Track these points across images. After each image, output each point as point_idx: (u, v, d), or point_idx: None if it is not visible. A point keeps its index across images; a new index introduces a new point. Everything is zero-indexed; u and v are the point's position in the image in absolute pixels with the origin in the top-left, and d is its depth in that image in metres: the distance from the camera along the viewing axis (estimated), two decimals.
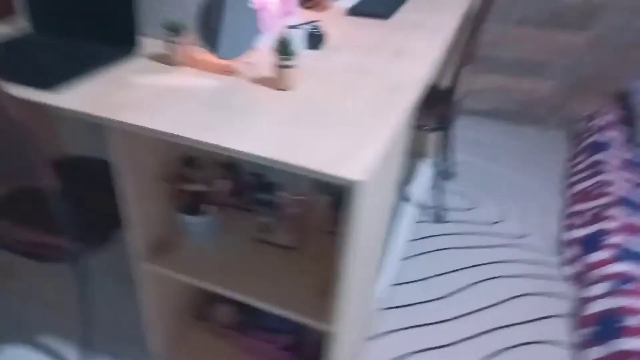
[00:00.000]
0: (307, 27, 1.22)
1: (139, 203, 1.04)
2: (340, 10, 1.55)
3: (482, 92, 2.73)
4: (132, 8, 1.09)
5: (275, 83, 1.01)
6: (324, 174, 0.75)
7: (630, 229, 1.68)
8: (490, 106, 2.76)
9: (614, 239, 1.66)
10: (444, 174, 2.28)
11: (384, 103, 0.97)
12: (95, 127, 1.23)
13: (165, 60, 1.10)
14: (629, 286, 1.48)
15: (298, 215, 1.18)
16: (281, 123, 0.88)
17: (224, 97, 0.96)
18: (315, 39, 1.22)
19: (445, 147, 2.14)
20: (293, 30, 1.19)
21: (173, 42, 1.06)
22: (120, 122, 0.86)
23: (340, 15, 1.52)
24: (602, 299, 1.52)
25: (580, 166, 2.22)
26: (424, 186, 2.22)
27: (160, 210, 1.13)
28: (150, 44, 1.18)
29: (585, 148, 2.31)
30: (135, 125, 0.85)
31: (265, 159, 0.78)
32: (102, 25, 1.14)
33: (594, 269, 1.64)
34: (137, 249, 1.10)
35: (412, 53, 1.24)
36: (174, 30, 1.05)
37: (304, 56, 1.19)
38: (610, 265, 1.59)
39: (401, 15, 1.54)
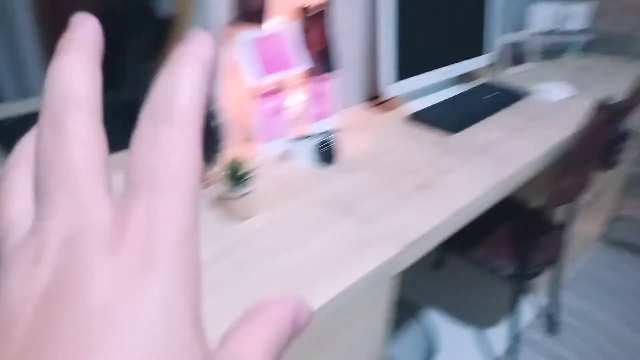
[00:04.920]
0: (318, 139, 1.04)
1: None
2: (404, 114, 1.32)
3: (637, 222, 2.09)
4: None
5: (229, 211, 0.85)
6: None
7: None
8: None
9: None
10: (547, 324, 1.76)
11: (345, 260, 0.74)
12: None
13: None
14: None
15: None
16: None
17: None
18: (323, 154, 1.04)
19: (553, 287, 1.66)
20: (297, 142, 1.03)
21: None
22: None
23: (401, 120, 1.29)
24: None
25: None
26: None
27: None
28: None
29: None
30: None
31: None
32: None
33: None
34: None
35: (445, 190, 0.96)
36: None
37: (304, 172, 1.01)
38: None
39: (474, 131, 1.23)
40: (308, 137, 1.05)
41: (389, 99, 1.35)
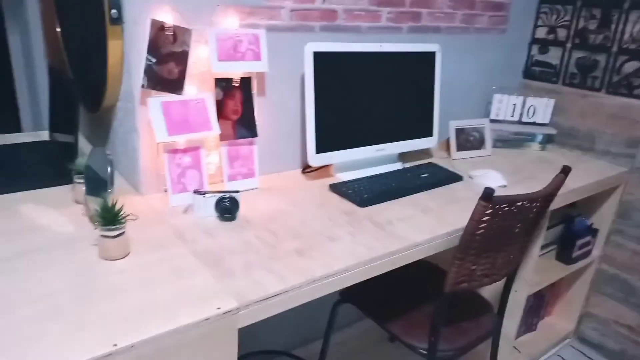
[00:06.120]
0: (219, 195, 1.14)
1: None
2: (329, 183, 1.40)
3: (607, 323, 1.99)
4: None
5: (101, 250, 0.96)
6: None
7: None
8: (615, 346, 1.98)
9: None
10: None
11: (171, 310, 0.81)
12: None
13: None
14: None
15: None
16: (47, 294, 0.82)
17: (37, 247, 0.96)
18: (222, 210, 1.13)
19: None
20: (203, 197, 1.14)
21: (76, 182, 1.14)
22: None
23: (323, 189, 1.37)
24: None
25: None
26: None
27: None
28: None
29: None
30: None
31: None
32: None
33: None
34: None
35: (318, 257, 1.02)
36: (78, 172, 1.13)
37: (199, 224, 1.11)
38: None
39: (384, 207, 1.29)
40: (215, 193, 1.15)
41: (320, 168, 1.45)
